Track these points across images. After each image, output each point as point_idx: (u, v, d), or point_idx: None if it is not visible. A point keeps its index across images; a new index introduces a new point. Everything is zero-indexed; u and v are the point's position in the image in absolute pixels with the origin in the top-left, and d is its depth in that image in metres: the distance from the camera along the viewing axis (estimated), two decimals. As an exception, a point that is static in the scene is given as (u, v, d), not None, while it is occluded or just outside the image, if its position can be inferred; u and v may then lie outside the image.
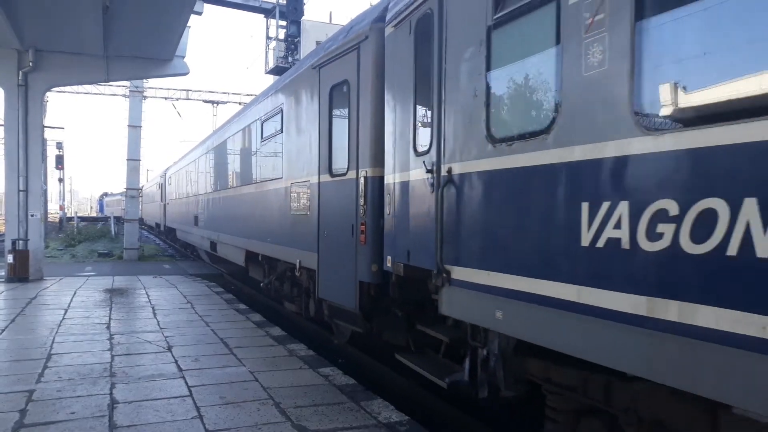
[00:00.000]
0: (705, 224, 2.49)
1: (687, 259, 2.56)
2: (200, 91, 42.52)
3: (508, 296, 3.77)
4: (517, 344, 4.08)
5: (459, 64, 4.40)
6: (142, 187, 36.89)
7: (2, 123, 15.34)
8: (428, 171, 4.72)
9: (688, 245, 2.56)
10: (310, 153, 7.78)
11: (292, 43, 21.64)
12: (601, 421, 3.53)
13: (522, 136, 3.67)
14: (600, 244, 3.03)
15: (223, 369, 6.36)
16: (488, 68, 4.05)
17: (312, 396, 5.45)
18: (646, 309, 2.76)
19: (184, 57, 16.69)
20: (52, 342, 7.54)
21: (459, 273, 4.36)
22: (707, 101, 2.57)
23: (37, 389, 5.54)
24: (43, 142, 23.20)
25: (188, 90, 40.36)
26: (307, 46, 20.15)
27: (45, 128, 21.42)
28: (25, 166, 14.24)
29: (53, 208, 64.98)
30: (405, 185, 5.25)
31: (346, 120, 6.63)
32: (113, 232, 36.39)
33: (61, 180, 47.39)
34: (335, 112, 7.10)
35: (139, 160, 21.67)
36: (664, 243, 2.67)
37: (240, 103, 36.75)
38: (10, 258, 13.90)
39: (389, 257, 5.53)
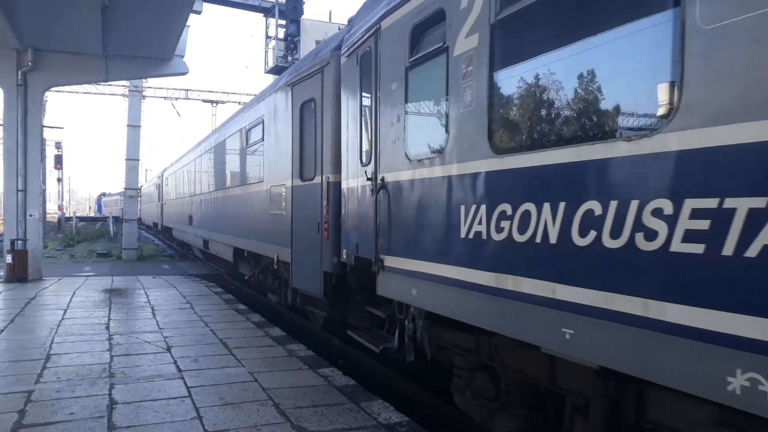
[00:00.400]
0: (525, 221, 3.54)
1: (516, 245, 3.62)
2: (200, 90, 42.57)
3: (419, 278, 4.84)
4: (427, 315, 5.10)
5: (388, 94, 5.43)
6: (141, 186, 36.88)
7: (1, 123, 15.30)
8: (369, 179, 5.79)
9: (516, 236, 3.62)
10: (286, 159, 8.72)
11: (291, 42, 21.61)
12: (488, 374, 4.56)
13: (427, 156, 4.75)
14: (471, 235, 4.10)
15: (222, 369, 6.35)
16: (406, 100, 5.10)
17: (312, 396, 5.44)
18: (495, 282, 3.82)
19: (183, 56, 16.66)
20: (51, 342, 7.53)
21: (389, 261, 5.40)
22: (527, 135, 3.76)
23: (36, 390, 5.52)
24: (42, 141, 23.16)
25: (188, 90, 40.43)
26: (306, 46, 20.13)
27: (44, 128, 21.38)
28: (24, 166, 14.22)
29: (52, 208, 64.91)
30: (355, 190, 6.28)
31: (314, 132, 7.68)
32: (112, 232, 36.36)
33: (59, 180, 47.33)
34: (305, 124, 8.10)
35: (138, 159, 21.63)
36: (503, 234, 3.76)
37: (239, 103, 36.77)
38: (8, 258, 13.88)
39: (345, 250, 6.60)
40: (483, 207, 3.96)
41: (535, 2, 3.50)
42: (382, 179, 5.50)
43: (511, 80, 3.85)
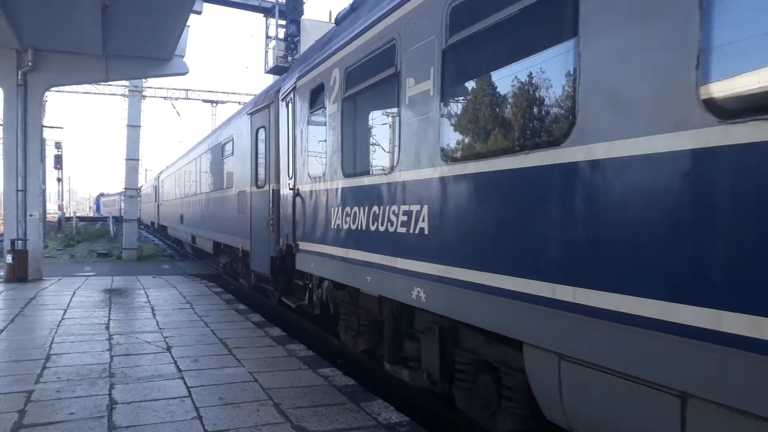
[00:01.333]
0: (355, 216, 5.83)
1: (352, 231, 5.92)
2: (200, 90, 42.62)
3: (315, 254, 7.16)
4: (320, 279, 7.59)
5: (299, 132, 7.92)
6: (141, 186, 36.93)
7: (1, 123, 15.30)
8: (291, 189, 8.21)
9: (352, 225, 5.89)
10: (247, 171, 11.25)
11: (291, 42, 21.58)
12: (355, 314, 6.76)
13: (317, 175, 7.08)
14: (335, 226, 6.43)
15: (222, 369, 6.36)
16: (307, 138, 7.57)
17: (312, 396, 5.45)
18: (344, 254, 6.12)
19: (183, 56, 16.67)
20: (51, 342, 7.53)
21: (302, 245, 7.75)
22: (354, 167, 6.15)
23: (36, 390, 5.53)
24: (42, 141, 23.16)
25: (188, 90, 40.45)
26: (307, 46, 20.13)
27: (44, 128, 21.38)
28: (24, 166, 14.23)
29: (52, 208, 64.92)
30: (287, 196, 8.55)
31: (264, 151, 10.09)
32: (112, 232, 36.36)
33: (59, 180, 47.31)
34: (259, 144, 10.48)
35: (138, 159, 21.64)
36: (348, 224, 6.01)
37: (239, 103, 36.78)
38: (9, 258, 13.88)
39: (282, 240, 8.92)
40: (340, 208, 6.33)
41: (360, 91, 5.97)
42: (297, 189, 7.93)
43: (351, 134, 6.28)
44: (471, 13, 4.12)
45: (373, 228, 5.49)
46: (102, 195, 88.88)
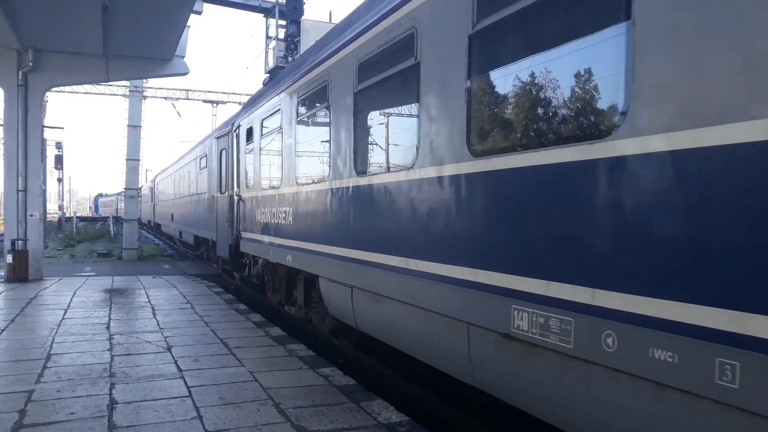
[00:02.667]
0: (276, 214, 9.01)
1: (276, 225, 8.88)
2: (200, 90, 42.60)
3: (250, 240, 10.60)
4: (254, 257, 11.05)
5: (240, 156, 11.81)
6: (141, 187, 37.00)
7: (2, 123, 15.30)
8: (237, 195, 11.84)
9: (276, 220, 8.93)
10: (214, 180, 15.18)
11: (292, 42, 21.56)
12: (275, 281, 10.22)
13: (248, 185, 10.69)
14: (262, 221, 9.78)
15: (222, 369, 6.36)
16: (245, 162, 11.25)
17: (312, 396, 5.45)
18: (269, 240, 9.36)
19: (183, 57, 16.66)
20: (52, 342, 7.54)
21: (243, 234, 11.27)
22: (271, 181, 9.72)
23: (37, 389, 5.53)
24: (43, 142, 23.16)
25: (188, 90, 40.47)
26: (307, 46, 20.12)
27: (44, 128, 21.38)
28: (25, 166, 14.23)
29: (52, 208, 64.94)
30: (237, 199, 11.82)
31: (226, 166, 13.61)
32: (112, 232, 36.36)
33: (60, 180, 47.31)
34: (222, 161, 14.21)
35: (139, 160, 21.62)
36: (274, 219, 9.05)
37: (239, 103, 36.78)
38: (9, 258, 13.88)
39: (235, 232, 11.96)
40: (259, 209, 9.80)
41: (267, 133, 9.14)
42: (240, 195, 11.68)
43: (267, 161, 9.45)
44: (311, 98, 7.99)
45: (273, 221, 9.19)
46: (100, 195, 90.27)
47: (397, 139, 5.80)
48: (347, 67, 6.26)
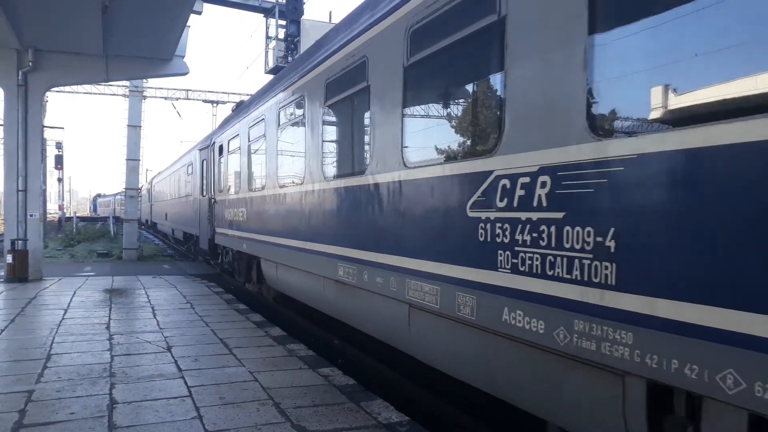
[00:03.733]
0: (239, 213, 11.87)
1: (239, 221, 11.75)
2: (200, 90, 42.59)
3: (222, 234, 13.55)
4: (225, 248, 14.42)
5: (215, 167, 15.01)
6: (142, 187, 37.11)
7: (2, 123, 15.29)
8: (212, 198, 15.07)
9: (237, 218, 11.90)
10: (198, 185, 17.98)
11: (291, 42, 21.58)
12: (240, 266, 13.29)
13: (220, 190, 14.15)
14: (229, 218, 12.86)
15: (222, 369, 6.36)
16: (219, 171, 14.47)
17: (312, 396, 5.45)
18: (236, 234, 12.01)
19: (183, 57, 16.65)
20: (52, 342, 7.54)
21: (217, 230, 14.21)
22: (231, 188, 13.26)
23: (37, 389, 5.53)
24: (43, 142, 23.17)
25: (188, 90, 40.49)
26: (307, 46, 20.12)
27: (44, 128, 21.38)
28: (25, 166, 14.22)
29: (52, 208, 64.92)
30: (213, 202, 14.75)
31: (206, 174, 16.39)
32: (112, 232, 36.35)
33: (60, 180, 47.33)
34: (204, 169, 16.87)
35: (139, 160, 21.61)
36: (238, 217, 11.91)
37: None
38: (9, 258, 13.87)
39: (212, 229, 14.55)
40: (231, 209, 12.55)
41: (232, 151, 12.60)
42: (214, 198, 14.73)
43: (233, 173, 12.75)
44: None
45: (236, 219, 12.08)
46: (99, 196, 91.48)
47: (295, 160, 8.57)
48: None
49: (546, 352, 3.50)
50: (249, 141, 11.21)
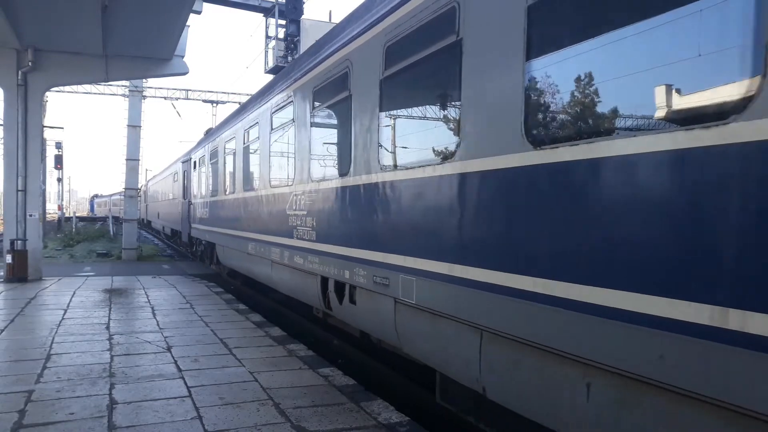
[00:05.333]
0: (213, 213, 15.11)
1: (214, 217, 14.80)
2: (200, 90, 42.58)
3: (195, 229, 17.91)
4: (197, 239, 18.70)
5: (192, 177, 19.05)
6: (142, 186, 37.27)
7: (1, 123, 15.28)
8: (189, 200, 19.40)
9: (212, 216, 15.01)
10: (180, 190, 21.84)
11: (291, 42, 21.57)
12: (210, 254, 16.78)
13: (196, 196, 18.07)
14: (200, 216, 16.87)
15: (222, 369, 6.36)
16: (196, 179, 18.26)
17: (312, 396, 5.44)
18: (213, 228, 14.78)
19: (183, 56, 16.64)
20: (52, 342, 7.53)
21: (193, 225, 18.33)
22: (204, 191, 17.23)
23: (36, 389, 5.53)
24: (42, 141, 23.15)
25: (188, 90, 40.47)
26: (307, 45, 20.12)
27: (44, 128, 21.36)
28: (24, 166, 14.21)
29: (52, 207, 64.86)
30: (192, 204, 18.67)
31: (186, 181, 20.34)
32: (112, 232, 36.33)
33: (59, 180, 47.26)
34: (185, 178, 20.56)
35: (138, 160, 21.61)
36: (210, 215, 15.43)
37: (239, 103, 36.74)
38: (8, 258, 13.87)
39: (190, 225, 18.90)
40: (200, 209, 16.89)
41: (205, 165, 16.50)
42: (191, 201, 18.87)
43: (205, 182, 16.40)
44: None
45: (203, 217, 16.08)
46: (96, 196, 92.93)
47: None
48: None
49: (300, 270, 7.90)
50: (209, 160, 15.73)
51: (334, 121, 7.27)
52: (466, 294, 4.07)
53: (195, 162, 18.38)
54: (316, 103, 7.45)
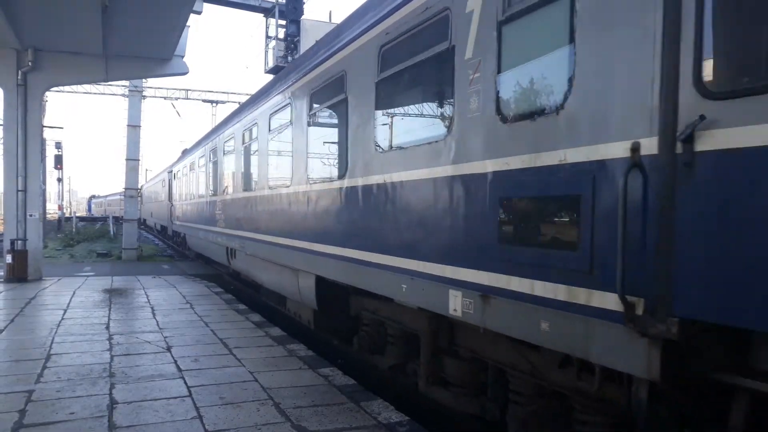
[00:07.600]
0: (198, 214, 17.65)
1: (197, 214, 17.77)
2: (200, 90, 42.63)
3: (181, 224, 21.68)
4: (179, 233, 24.10)
5: (174, 184, 25.29)
6: (142, 187, 37.41)
7: (1, 122, 15.28)
8: (170, 202, 26.19)
9: (196, 215, 18.02)
10: (167, 194, 28.13)
11: (291, 42, 21.58)
12: (191, 246, 21.08)
13: (178, 198, 23.64)
14: (180, 216, 22.36)
15: (222, 369, 6.36)
16: (176, 187, 24.51)
17: (312, 396, 5.45)
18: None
19: (183, 56, 16.64)
20: (52, 342, 7.54)
21: (174, 222, 24.51)
22: (186, 192, 22.26)
23: (37, 389, 5.53)
24: (42, 141, 23.16)
25: (188, 90, 40.51)
26: (306, 46, 20.12)
27: (44, 128, 21.37)
28: (24, 166, 14.22)
29: (52, 207, 64.87)
30: (173, 206, 25.07)
31: (169, 187, 26.93)
32: (112, 232, 36.34)
33: (59, 180, 47.27)
34: (170, 184, 26.75)
35: (138, 159, 21.63)
36: (193, 214, 18.94)
37: (239, 103, 36.75)
38: (8, 258, 13.87)
39: (173, 222, 25.07)
40: (178, 209, 22.90)
41: (183, 175, 22.01)
42: (172, 203, 25.38)
43: (183, 187, 21.77)
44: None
45: (180, 215, 21.79)
46: (93, 197, 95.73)
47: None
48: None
49: (219, 245, 13.63)
50: (183, 173, 21.31)
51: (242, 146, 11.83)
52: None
53: (174, 173, 24.98)
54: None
